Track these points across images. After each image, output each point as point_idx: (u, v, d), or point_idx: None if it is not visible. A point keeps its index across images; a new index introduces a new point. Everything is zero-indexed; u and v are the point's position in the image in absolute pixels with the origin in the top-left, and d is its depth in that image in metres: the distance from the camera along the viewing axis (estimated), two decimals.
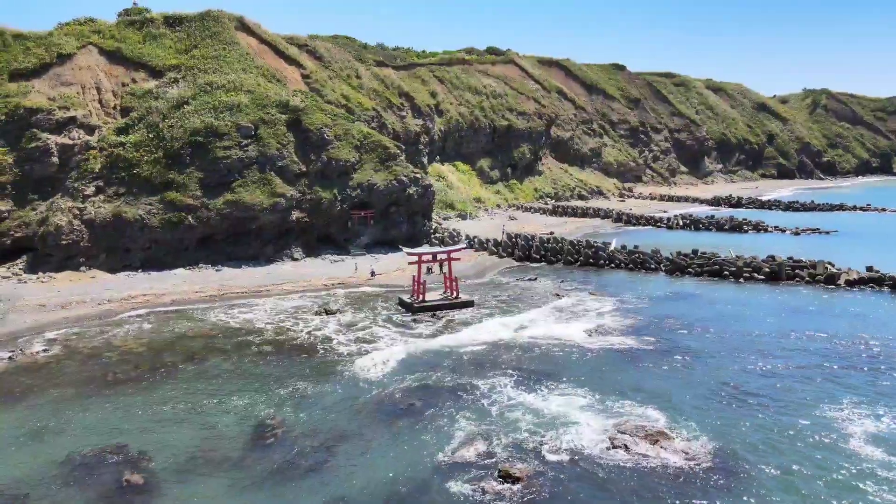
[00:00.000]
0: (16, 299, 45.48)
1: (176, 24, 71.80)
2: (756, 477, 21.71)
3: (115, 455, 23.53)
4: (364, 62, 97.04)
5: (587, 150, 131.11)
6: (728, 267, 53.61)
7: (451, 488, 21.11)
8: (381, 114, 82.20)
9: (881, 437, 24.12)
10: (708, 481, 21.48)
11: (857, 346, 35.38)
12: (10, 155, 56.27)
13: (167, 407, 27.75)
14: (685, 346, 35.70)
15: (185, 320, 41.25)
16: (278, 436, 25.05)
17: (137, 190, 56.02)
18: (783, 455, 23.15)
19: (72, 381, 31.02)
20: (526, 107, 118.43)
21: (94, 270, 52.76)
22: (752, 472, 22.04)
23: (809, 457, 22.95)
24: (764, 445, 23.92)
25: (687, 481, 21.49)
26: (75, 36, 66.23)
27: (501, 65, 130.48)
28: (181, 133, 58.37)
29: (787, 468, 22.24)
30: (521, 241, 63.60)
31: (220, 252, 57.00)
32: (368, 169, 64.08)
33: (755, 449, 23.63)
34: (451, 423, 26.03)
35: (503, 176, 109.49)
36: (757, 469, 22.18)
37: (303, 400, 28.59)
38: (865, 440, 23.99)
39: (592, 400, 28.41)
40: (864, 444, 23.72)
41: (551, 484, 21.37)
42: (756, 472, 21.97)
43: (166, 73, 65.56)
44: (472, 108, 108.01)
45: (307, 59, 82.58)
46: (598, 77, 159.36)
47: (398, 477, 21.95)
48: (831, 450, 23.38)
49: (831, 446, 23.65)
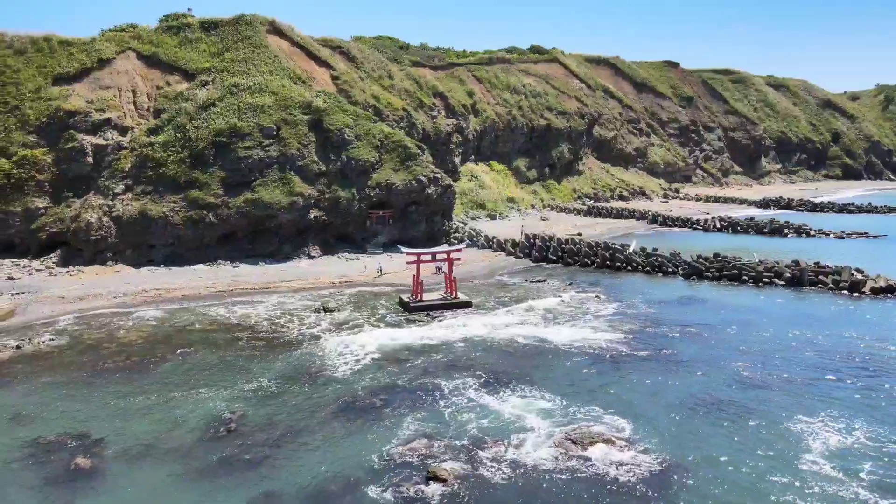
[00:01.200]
0: (42, 291, 48.37)
1: (211, 28, 74.48)
2: (690, 492, 20.97)
3: (75, 440, 24.81)
4: (400, 63, 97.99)
5: (631, 149, 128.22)
6: (747, 271, 51.58)
7: (376, 487, 21.29)
8: (411, 114, 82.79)
9: (838, 454, 22.86)
10: (637, 493, 20.89)
11: (858, 357, 33.51)
12: (49, 155, 59.80)
13: (140, 397, 29.00)
14: (675, 353, 34.68)
15: (188, 314, 42.88)
16: (233, 429, 25.80)
17: (163, 188, 58.50)
18: (730, 470, 22.27)
19: (65, 370, 32.81)
20: (567, 106, 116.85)
21: (120, 265, 55.45)
22: (689, 486, 21.30)
23: (756, 473, 21.98)
24: (714, 459, 23.05)
25: (614, 491, 20.98)
26: (116, 42, 69.65)
27: (544, 63, 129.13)
28: (206, 134, 60.59)
29: (728, 483, 21.39)
30: (538, 242, 62.94)
31: (240, 249, 58.86)
32: (388, 168, 64.79)
33: (704, 462, 22.80)
34: (402, 422, 26.19)
35: (540, 176, 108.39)
36: (695, 484, 21.42)
37: (269, 395, 29.33)
38: (822, 456, 22.79)
39: (555, 404, 28.02)
40: (819, 460, 22.53)
41: (475, 486, 21.27)
42: (692, 488, 21.22)
43: (198, 76, 68.12)
44: (510, 108, 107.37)
45: (340, 60, 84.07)
46: (648, 75, 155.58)
47: (332, 474, 22.31)
48: (782, 466, 22.31)
49: (783, 462, 22.55)
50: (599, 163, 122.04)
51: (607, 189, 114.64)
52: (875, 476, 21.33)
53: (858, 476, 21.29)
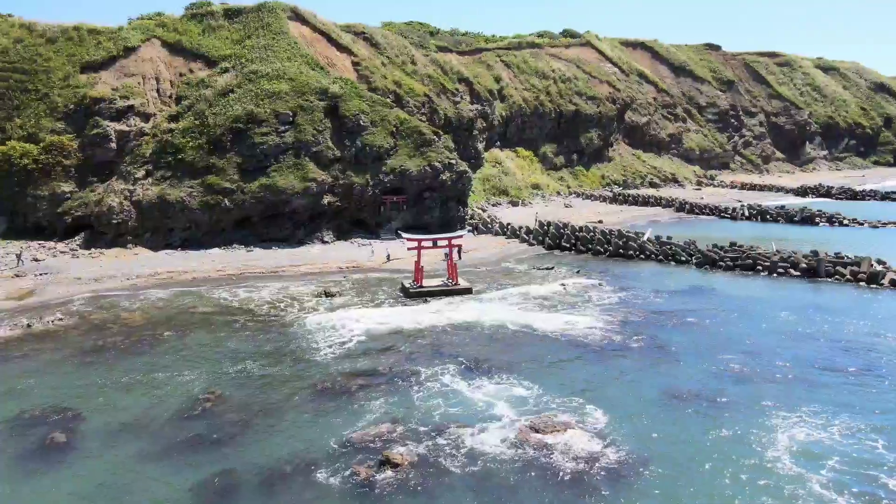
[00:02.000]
0: (62, 272, 50.31)
1: (234, 15, 75.64)
2: (641, 486, 20.64)
3: (57, 415, 25.87)
4: (425, 48, 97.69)
5: (665, 135, 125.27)
6: (762, 261, 50.05)
7: (329, 470, 21.60)
8: (432, 99, 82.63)
9: (803, 451, 22.13)
10: (588, 485, 20.66)
11: (858, 350, 32.25)
12: (75, 141, 61.92)
13: (128, 376, 29.97)
14: (667, 344, 33.99)
15: (193, 297, 44.03)
16: (207, 409, 26.50)
17: (181, 173, 59.95)
18: (689, 465, 21.81)
19: (66, 348, 34.15)
20: (598, 91, 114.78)
21: (139, 248, 57.19)
22: (642, 479, 20.96)
23: (714, 468, 21.47)
24: (678, 453, 22.58)
25: (566, 482, 20.81)
26: (141, 30, 71.41)
27: (576, 48, 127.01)
28: (224, 120, 61.77)
29: (684, 478, 20.97)
30: (552, 230, 62.28)
31: (255, 234, 60.00)
32: (403, 154, 64.93)
33: (666, 456, 22.34)
34: (371, 407, 26.45)
35: (568, 162, 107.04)
36: (650, 478, 21.06)
37: (250, 377, 29.97)
38: (788, 452, 22.09)
39: (531, 392, 27.87)
40: (784, 456, 21.84)
41: (427, 472, 21.37)
42: (645, 481, 20.88)
43: (219, 63, 69.32)
44: (538, 93, 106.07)
45: (362, 46, 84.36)
46: (687, 58, 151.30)
47: (290, 455, 22.71)
48: (742, 462, 21.72)
49: (745, 458, 21.95)
50: (630, 149, 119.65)
51: (637, 176, 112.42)
52: (834, 473, 20.61)
53: (817, 473, 20.59)
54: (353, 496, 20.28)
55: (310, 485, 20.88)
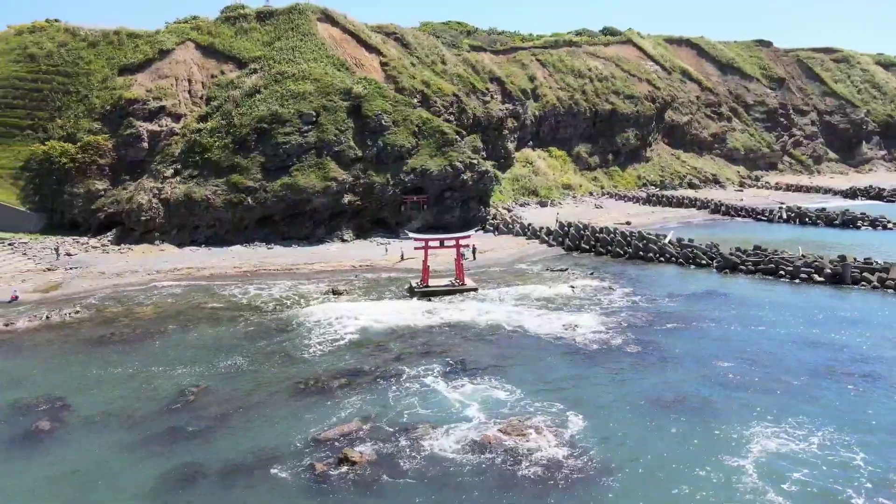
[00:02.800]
0: (90, 266, 52.51)
1: (266, 18, 77.32)
2: (598, 491, 20.23)
3: (48, 404, 27.03)
4: (458, 48, 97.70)
5: (707, 135, 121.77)
6: (785, 266, 48.18)
7: (289, 465, 21.91)
8: (461, 99, 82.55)
9: (772, 461, 21.24)
10: (543, 489, 20.38)
11: (865, 361, 30.71)
12: (110, 140, 64.46)
13: (125, 368, 31.08)
14: (664, 349, 33.14)
15: (205, 293, 45.27)
16: (190, 402, 27.26)
17: (207, 172, 61.70)
18: (656, 475, 21.21)
19: (75, 340, 35.66)
20: (636, 89, 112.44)
21: (166, 245, 59.14)
22: (599, 485, 20.53)
23: (680, 479, 20.84)
24: (647, 462, 22.01)
25: (523, 487, 20.55)
26: (177, 33, 73.77)
27: (616, 46, 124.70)
28: (249, 120, 63.26)
29: (644, 486, 20.45)
30: (572, 231, 61.44)
31: (277, 232, 61.26)
32: (424, 154, 65.17)
33: (634, 465, 21.81)
34: (346, 405, 26.69)
35: (603, 162, 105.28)
36: (607, 484, 20.62)
37: (238, 372, 30.65)
38: (754, 463, 21.27)
39: (510, 395, 27.63)
40: (748, 466, 21.04)
41: (382, 471, 21.45)
42: (602, 487, 20.45)
43: (249, 65, 70.98)
44: (573, 92, 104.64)
45: (392, 46, 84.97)
46: (735, 55, 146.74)
47: (256, 450, 23.13)
48: (709, 472, 21.00)
49: (713, 468, 21.21)
50: (670, 149, 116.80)
51: (676, 176, 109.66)
52: (797, 486, 19.74)
53: (777, 486, 19.75)
54: (305, 491, 20.55)
55: (266, 478, 21.24)
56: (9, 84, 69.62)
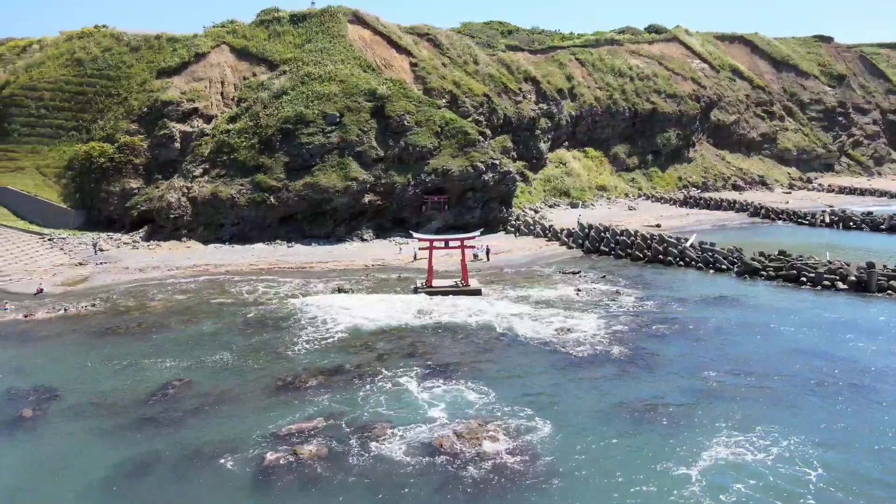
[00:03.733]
0: (117, 262, 54.85)
1: (299, 21, 78.91)
2: (537, 498, 19.89)
3: (38, 393, 28.41)
4: (493, 48, 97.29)
5: (756, 135, 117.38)
6: (807, 272, 46.05)
7: (240, 457, 22.38)
8: (492, 99, 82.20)
9: (718, 472, 20.43)
10: (481, 494, 20.19)
11: (864, 375, 29.08)
12: (145, 141, 67.12)
13: (116, 360, 32.31)
14: (654, 356, 32.24)
15: (217, 290, 46.59)
16: (170, 394, 28.17)
17: (234, 172, 63.49)
18: (601, 480, 20.76)
19: (83, 332, 37.31)
20: (680, 88, 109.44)
21: (192, 242, 61.17)
22: (540, 491, 20.21)
23: (623, 483, 20.33)
24: (598, 468, 21.56)
25: (456, 489, 20.42)
26: (213, 37, 76.15)
27: (661, 43, 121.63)
28: (275, 121, 64.74)
29: (587, 494, 19.99)
30: (591, 233, 60.34)
31: (298, 230, 62.49)
32: (446, 154, 65.24)
33: (583, 471, 21.40)
34: (315, 402, 27.07)
35: (642, 163, 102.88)
36: (548, 490, 20.28)
37: (223, 367, 31.46)
38: (702, 472, 20.57)
39: (481, 398, 27.46)
40: (696, 475, 20.32)
41: (327, 467, 21.69)
42: (542, 492, 20.11)
43: (280, 67, 72.61)
44: (612, 91, 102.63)
45: (424, 47, 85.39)
46: (791, 52, 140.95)
47: (217, 442, 23.72)
48: (654, 478, 20.38)
49: (656, 476, 20.58)
50: (715, 149, 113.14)
51: (719, 178, 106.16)
52: (735, 497, 18.95)
53: (718, 496, 19.00)
54: (248, 483, 20.99)
55: (215, 469, 21.79)
56: (57, 87, 73.42)
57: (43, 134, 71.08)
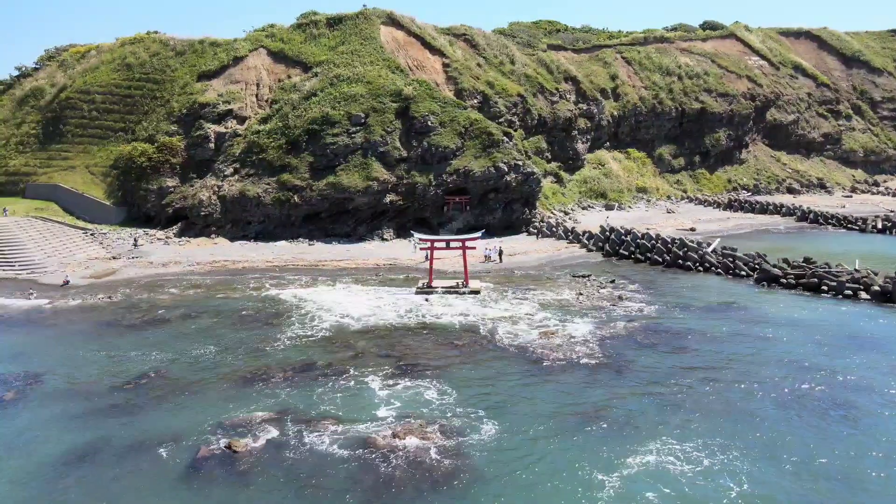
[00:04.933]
0: (146, 256, 57.46)
1: (335, 24, 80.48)
2: (450, 496, 19.64)
3: (25, 377, 30.11)
4: (533, 47, 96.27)
5: (817, 135, 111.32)
6: (829, 281, 43.41)
7: (180, 447, 23.04)
8: (526, 99, 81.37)
9: (638, 480, 19.53)
10: (399, 491, 20.11)
11: (854, 392, 27.20)
12: (183, 141, 70.04)
13: (105, 350, 33.83)
14: (630, 364, 31.13)
15: (227, 285, 48.08)
16: (142, 384, 29.31)
17: (262, 171, 65.41)
18: (521, 483, 20.30)
19: (90, 322, 39.35)
20: (733, 87, 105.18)
21: (220, 238, 63.39)
22: (457, 491, 19.94)
23: (545, 488, 19.81)
24: (524, 471, 21.10)
25: (378, 487, 20.39)
26: (251, 40, 78.64)
27: (716, 40, 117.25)
28: (302, 122, 66.27)
29: (502, 496, 19.61)
30: (612, 236, 58.79)
31: (321, 229, 63.74)
32: (469, 155, 65.07)
33: (509, 473, 20.98)
34: (274, 395, 27.58)
35: (688, 165, 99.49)
36: (467, 493, 19.98)
37: (202, 359, 32.44)
38: (623, 479, 19.79)
39: (440, 398, 27.33)
40: (616, 482, 19.53)
41: (259, 461, 22.03)
42: (457, 492, 19.84)
43: (313, 69, 74.26)
44: (658, 91, 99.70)
45: (461, 47, 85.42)
46: (863, 46, 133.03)
47: (166, 431, 24.49)
48: (574, 484, 19.75)
49: (579, 481, 19.91)
50: (770, 150, 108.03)
51: (773, 180, 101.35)
52: None
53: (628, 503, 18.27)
54: (176, 474, 21.55)
55: (152, 458, 22.52)
56: (107, 91, 77.62)
57: (93, 135, 75.26)
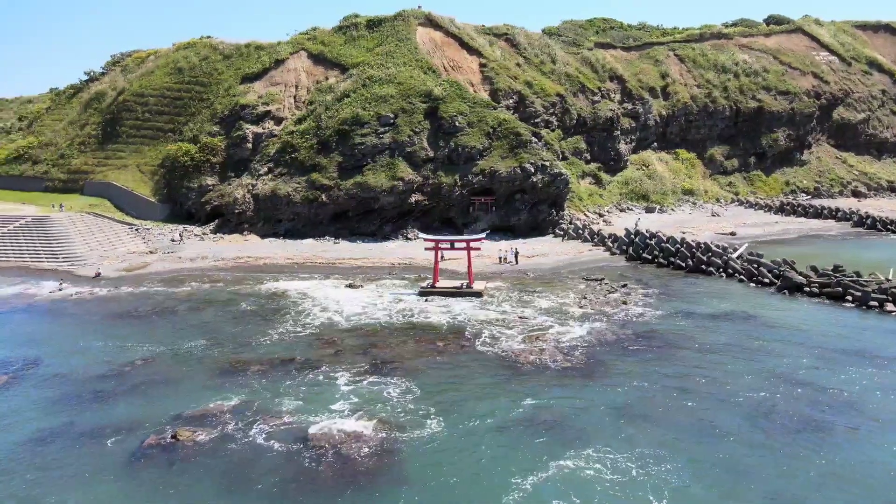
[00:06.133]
0: (177, 252, 60.07)
1: (375, 26, 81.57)
2: (370, 496, 19.70)
3: (23, 362, 32.12)
4: (578, 46, 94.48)
5: (890, 135, 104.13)
6: (854, 291, 40.60)
7: (131, 436, 24.01)
8: (566, 99, 79.99)
9: (551, 484, 18.93)
10: (323, 485, 20.33)
11: (817, 406, 25.41)
12: (223, 141, 72.78)
13: (103, 340, 35.52)
14: (608, 370, 30.25)
15: (241, 280, 49.63)
16: (124, 373, 30.68)
17: (293, 171, 67.12)
18: (443, 486, 20.12)
19: (104, 312, 41.46)
20: (796, 84, 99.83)
21: (251, 235, 65.50)
22: (375, 491, 19.96)
23: (466, 489, 19.58)
24: (445, 470, 20.99)
25: (302, 480, 20.67)
26: (293, 44, 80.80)
27: (781, 35, 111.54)
28: (334, 122, 67.56)
29: (419, 495, 19.50)
30: (637, 240, 56.94)
31: (348, 227, 64.77)
32: (496, 156, 64.60)
33: (435, 474, 20.85)
34: (243, 387, 28.26)
35: (742, 166, 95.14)
36: (385, 491, 19.98)
37: (190, 351, 33.64)
38: (535, 481, 19.41)
39: (399, 397, 27.42)
40: (529, 486, 19.05)
41: (198, 452, 22.68)
42: (378, 489, 19.86)
43: (350, 70, 75.57)
44: (711, 89, 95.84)
45: (501, 47, 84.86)
46: None
47: (125, 417, 25.57)
48: (493, 484, 19.43)
49: (497, 483, 19.58)
50: (836, 151, 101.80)
51: (837, 183, 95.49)
52: None
53: None
54: (119, 459, 22.49)
55: (99, 447, 23.46)
56: (159, 94, 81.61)
57: (145, 135, 79.31)
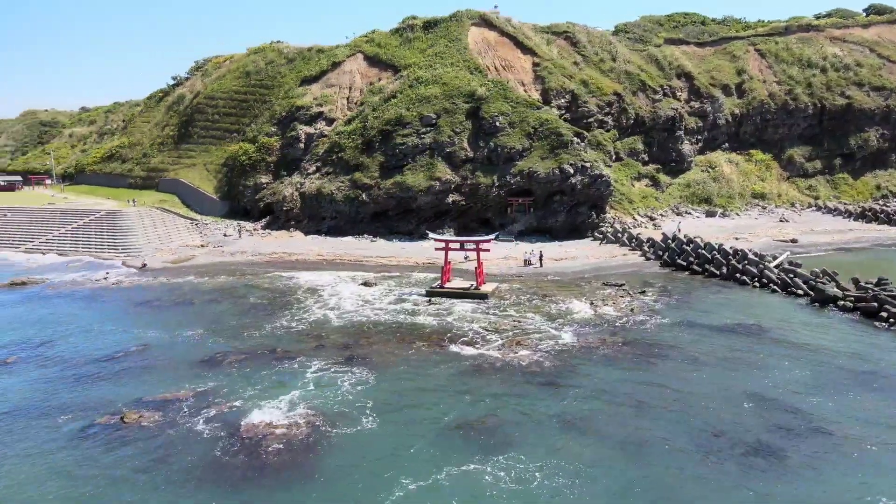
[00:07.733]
0: (224, 246, 63.22)
1: (430, 27, 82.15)
2: (285, 481, 20.13)
3: (38, 343, 34.99)
4: (646, 42, 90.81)
5: None
6: (889, 306, 36.70)
7: (91, 416, 25.62)
8: (623, 98, 77.20)
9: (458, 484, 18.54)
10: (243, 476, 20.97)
11: (789, 436, 23.23)
12: (278, 141, 75.83)
13: (114, 325, 38.17)
14: (581, 380, 29.13)
15: (267, 275, 51.50)
16: (118, 357, 32.80)
17: (339, 170, 68.89)
18: (344, 480, 20.22)
19: (132, 300, 44.37)
20: (893, 79, 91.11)
21: (296, 232, 67.85)
22: (295, 483, 20.37)
23: (364, 486, 19.62)
24: (359, 468, 21.06)
25: (222, 469, 21.41)
26: (350, 46, 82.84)
27: (882, 26, 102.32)
28: (379, 123, 68.73)
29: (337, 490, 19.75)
30: (673, 245, 54.08)
31: (386, 226, 65.68)
32: (536, 156, 63.43)
33: (341, 468, 21.02)
34: (217, 375, 29.55)
35: (826, 168, 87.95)
36: (305, 485, 20.35)
37: (188, 339, 35.35)
38: (429, 483, 18.93)
39: (353, 389, 28.13)
40: (418, 486, 18.75)
41: (140, 435, 23.88)
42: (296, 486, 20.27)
43: (402, 71, 76.59)
44: (793, 86, 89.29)
45: (559, 45, 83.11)
46: None
47: (97, 399, 27.42)
48: (405, 482, 19.26)
49: (413, 479, 19.34)
50: None
51: None
52: None
53: None
54: (63, 437, 24.10)
55: (54, 422, 25.28)
56: (228, 96, 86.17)
57: (214, 136, 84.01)
